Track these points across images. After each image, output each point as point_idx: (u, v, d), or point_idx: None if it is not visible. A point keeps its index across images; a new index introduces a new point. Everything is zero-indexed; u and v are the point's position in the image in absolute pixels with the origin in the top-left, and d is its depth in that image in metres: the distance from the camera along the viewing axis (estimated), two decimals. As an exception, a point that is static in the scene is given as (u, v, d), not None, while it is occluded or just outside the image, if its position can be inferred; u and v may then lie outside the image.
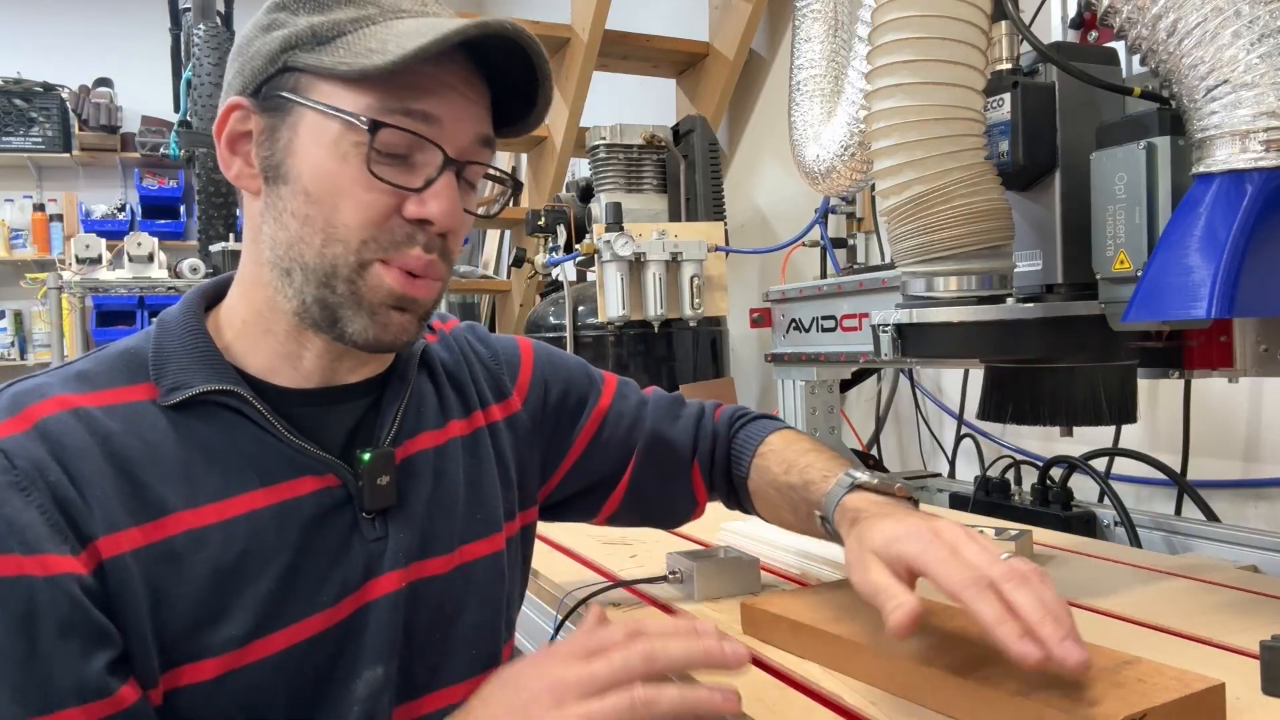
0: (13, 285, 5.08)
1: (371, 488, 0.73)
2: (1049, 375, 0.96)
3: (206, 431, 0.69)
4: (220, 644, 0.66)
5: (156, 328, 0.73)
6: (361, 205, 0.68)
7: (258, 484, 0.69)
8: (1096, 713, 0.59)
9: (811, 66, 1.37)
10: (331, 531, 0.71)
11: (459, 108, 0.69)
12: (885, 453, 2.27)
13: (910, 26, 0.84)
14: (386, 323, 0.70)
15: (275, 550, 0.69)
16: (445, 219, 0.69)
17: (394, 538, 0.74)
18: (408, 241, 0.69)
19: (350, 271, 0.69)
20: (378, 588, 0.73)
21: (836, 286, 1.77)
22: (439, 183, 0.69)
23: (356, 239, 0.68)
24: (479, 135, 0.72)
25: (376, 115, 0.67)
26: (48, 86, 5.43)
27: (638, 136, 2.46)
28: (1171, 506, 1.54)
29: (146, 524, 0.65)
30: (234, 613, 0.67)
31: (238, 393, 0.70)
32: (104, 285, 3.47)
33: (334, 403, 0.75)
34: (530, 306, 3.15)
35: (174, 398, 0.69)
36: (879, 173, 0.89)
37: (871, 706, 0.69)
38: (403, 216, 0.69)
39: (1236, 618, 0.87)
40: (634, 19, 3.07)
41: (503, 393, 0.89)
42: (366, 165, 0.67)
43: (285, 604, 0.69)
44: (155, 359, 0.70)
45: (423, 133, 0.68)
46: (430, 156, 0.69)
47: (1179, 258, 0.76)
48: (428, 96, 0.68)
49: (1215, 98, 0.76)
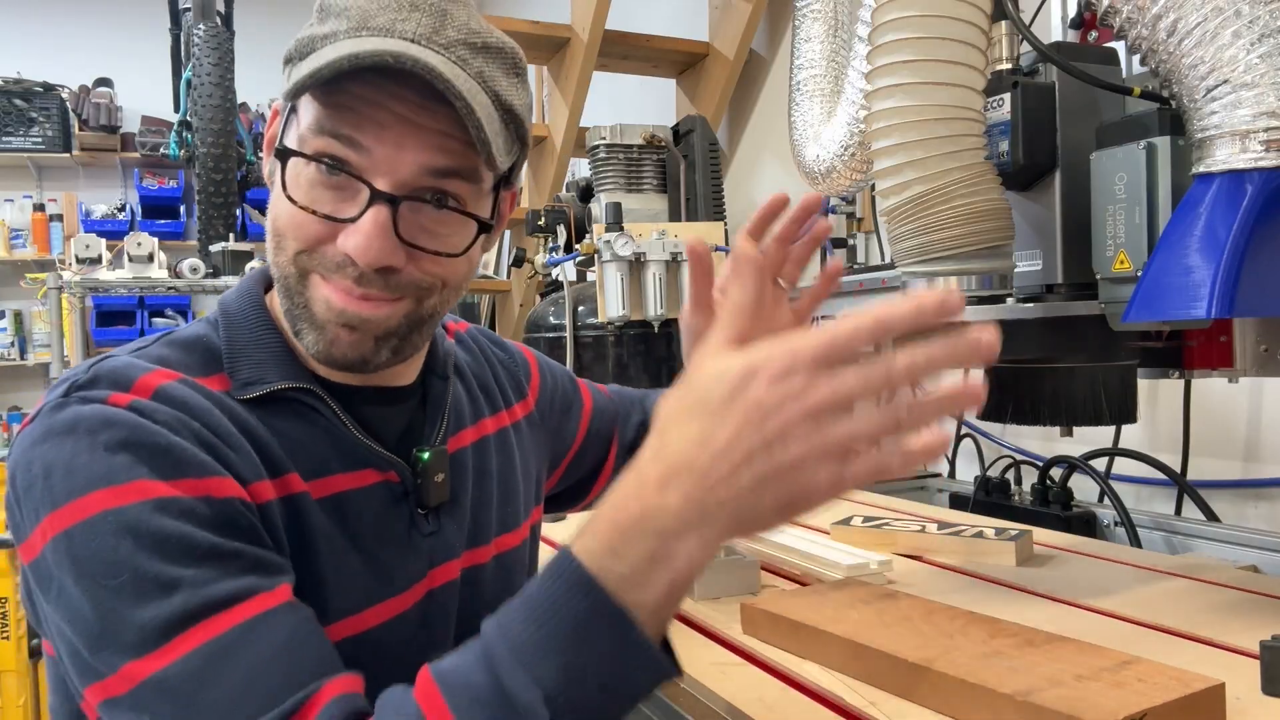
0: (13, 285, 5.07)
1: (429, 484, 0.75)
2: (1049, 375, 0.96)
3: (284, 423, 0.70)
4: (322, 614, 0.66)
5: (223, 318, 0.73)
6: (294, 225, 0.67)
7: (339, 469, 0.71)
8: (1096, 713, 0.59)
9: (811, 66, 1.37)
10: (395, 524, 0.73)
11: (398, 135, 0.64)
12: (885, 453, 2.26)
13: (910, 26, 0.84)
14: (334, 339, 0.68)
15: (360, 531, 0.70)
16: (363, 256, 0.64)
17: (447, 530, 0.76)
18: (338, 271, 0.66)
19: (295, 281, 0.68)
20: (441, 575, 0.75)
21: (836, 286, 1.77)
22: (365, 218, 0.64)
23: (293, 249, 0.67)
24: (428, 166, 0.65)
25: (313, 132, 0.64)
26: (48, 86, 5.42)
27: (638, 136, 2.45)
28: (1171, 506, 1.54)
29: (275, 479, 0.66)
30: (334, 585, 0.68)
31: (312, 390, 0.71)
32: (104, 285, 3.47)
33: (388, 403, 0.76)
34: (530, 306, 3.15)
35: (250, 392, 0.69)
36: (879, 173, 0.89)
37: (871, 707, 0.69)
38: (337, 246, 0.66)
39: (1236, 618, 0.87)
40: (634, 19, 3.06)
41: (521, 393, 0.93)
42: (283, 190, 0.66)
43: (373, 583, 0.70)
44: (229, 352, 0.71)
45: (346, 160, 0.64)
46: (361, 187, 0.65)
47: (1179, 258, 0.76)
48: (361, 122, 0.64)
49: (1215, 98, 0.76)
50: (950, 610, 0.80)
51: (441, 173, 0.66)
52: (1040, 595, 0.96)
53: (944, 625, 0.76)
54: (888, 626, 0.77)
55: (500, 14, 4.23)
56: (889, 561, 1.03)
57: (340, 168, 0.65)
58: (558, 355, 2.29)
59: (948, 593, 0.95)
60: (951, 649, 0.71)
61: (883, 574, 1.01)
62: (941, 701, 0.67)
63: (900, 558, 1.11)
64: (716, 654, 0.83)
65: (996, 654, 0.70)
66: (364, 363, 0.70)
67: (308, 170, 0.66)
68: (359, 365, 0.70)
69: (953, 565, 1.08)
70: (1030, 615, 0.85)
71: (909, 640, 0.73)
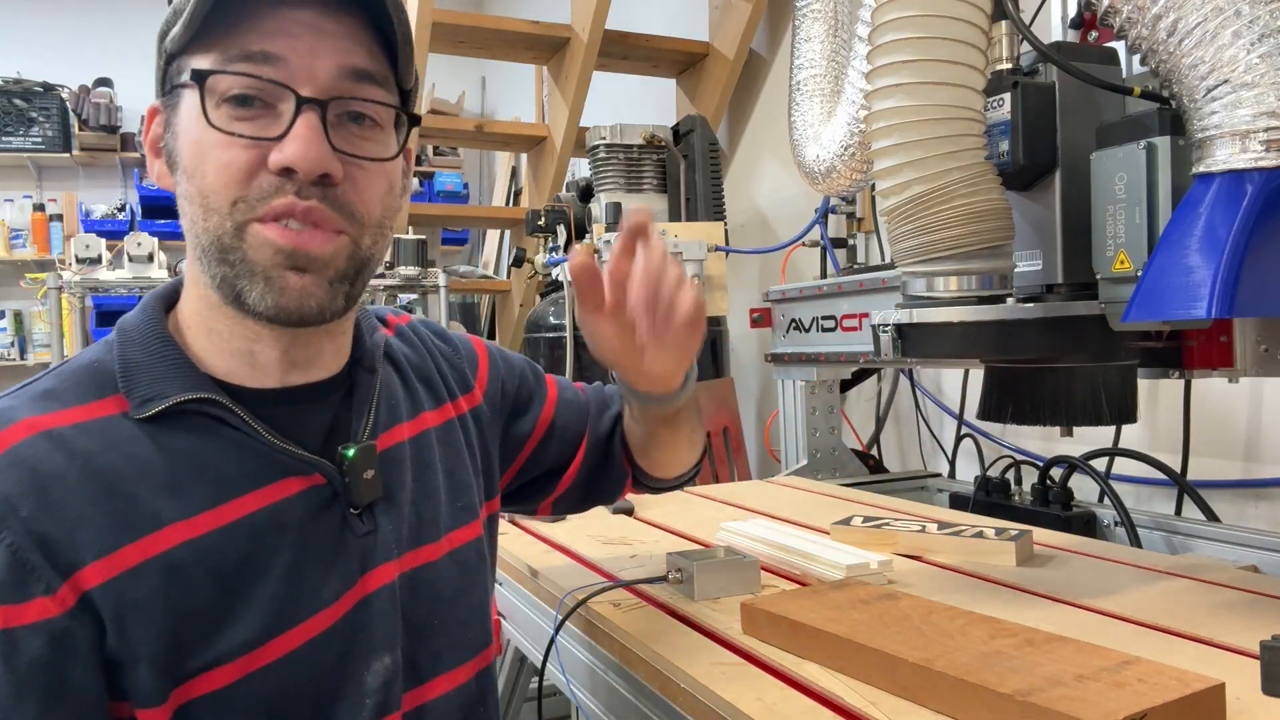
0: (13, 285, 5.08)
1: (357, 482, 0.72)
2: (1049, 375, 0.96)
3: (186, 441, 0.67)
4: (233, 649, 0.66)
5: (118, 336, 0.71)
6: (221, 165, 0.65)
7: (248, 488, 0.68)
8: (1096, 713, 0.59)
9: (811, 66, 1.37)
10: (324, 529, 0.71)
11: (310, 42, 0.65)
12: (885, 453, 2.27)
13: (910, 26, 0.84)
14: (284, 286, 0.66)
15: (275, 551, 0.68)
16: (305, 161, 0.64)
17: (383, 530, 0.74)
18: (276, 193, 0.65)
19: (231, 239, 0.66)
20: (374, 580, 0.73)
21: (836, 286, 1.77)
22: (296, 125, 0.64)
23: (226, 202, 0.65)
24: (345, 68, 0.66)
25: (220, 66, 0.64)
26: (48, 86, 5.43)
27: (638, 136, 2.46)
28: (1171, 506, 1.54)
29: (143, 539, 0.64)
30: (243, 617, 0.66)
31: (215, 400, 0.68)
32: (104, 285, 3.47)
33: (307, 401, 0.74)
34: (530, 306, 3.15)
35: (148, 409, 0.67)
36: (879, 173, 0.89)
37: (871, 707, 0.69)
38: (269, 171, 0.65)
39: (1236, 618, 0.87)
40: (634, 19, 3.07)
41: (466, 385, 0.91)
42: (205, 119, 0.64)
43: (292, 603, 0.68)
44: (123, 370, 0.68)
45: (263, 74, 0.64)
46: (283, 99, 0.65)
47: (1179, 258, 0.76)
48: (267, 37, 0.64)
49: (1215, 98, 0.76)
50: (950, 610, 0.80)
51: (359, 74, 0.67)
52: (1040, 595, 0.96)
53: (944, 625, 0.76)
54: (888, 626, 0.77)
55: (500, 14, 4.23)
56: (889, 561, 1.03)
57: (264, 80, 0.64)
58: (558, 355, 2.29)
59: (948, 593, 0.95)
60: (951, 649, 0.71)
61: (883, 574, 1.01)
62: (941, 701, 0.67)
63: (900, 558, 1.11)
64: (716, 654, 0.83)
65: (996, 654, 0.70)
66: (320, 311, 0.68)
67: (221, 110, 0.65)
68: (315, 315, 0.68)
69: (953, 565, 1.08)
70: (1030, 615, 0.85)
71: (909, 640, 0.73)
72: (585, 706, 0.98)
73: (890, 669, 0.71)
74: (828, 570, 1.02)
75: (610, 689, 0.92)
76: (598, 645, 0.94)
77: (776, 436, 2.09)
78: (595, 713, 0.95)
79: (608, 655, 0.92)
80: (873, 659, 0.73)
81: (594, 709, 0.96)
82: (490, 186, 5.71)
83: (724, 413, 2.31)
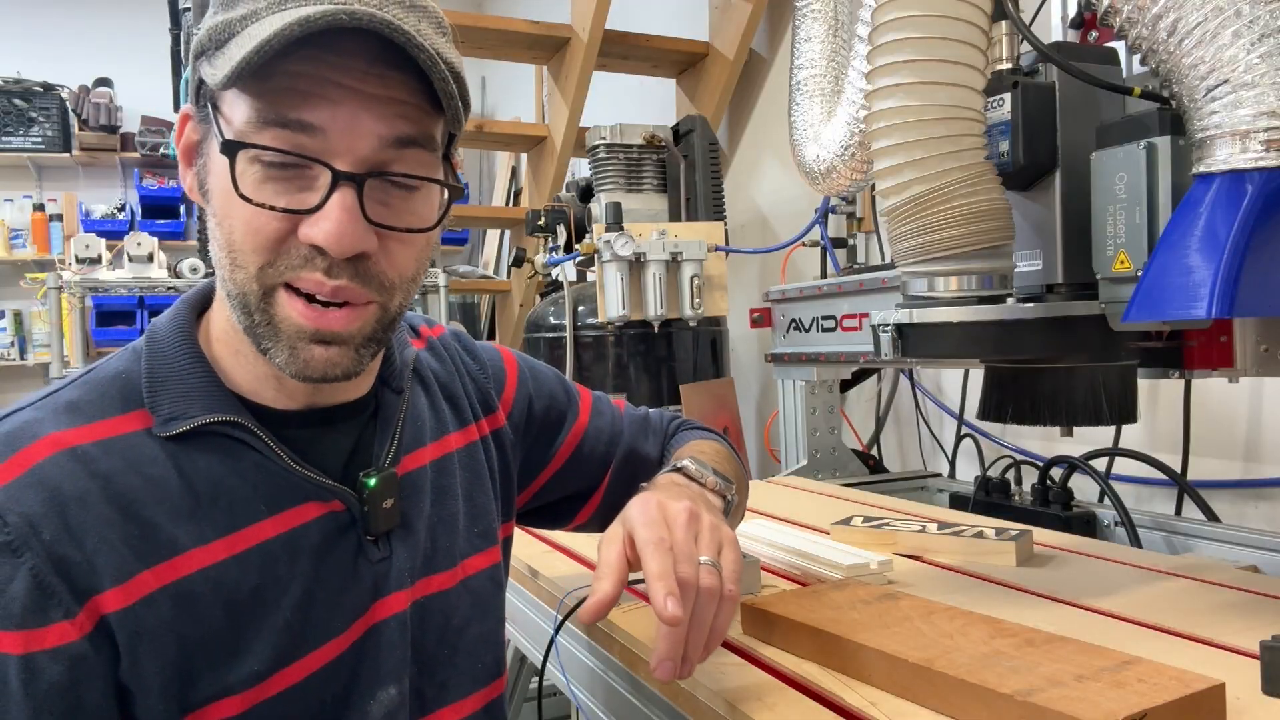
0: (13, 285, 5.08)
1: (376, 511, 0.71)
2: (1049, 375, 0.96)
3: (208, 462, 0.66)
4: (243, 680, 0.65)
5: (147, 346, 0.69)
6: (251, 230, 0.62)
7: (265, 514, 0.67)
8: (1096, 713, 0.59)
9: (811, 66, 1.37)
10: (339, 556, 0.70)
11: (351, 110, 0.60)
12: (885, 453, 2.27)
13: (910, 26, 0.84)
14: (308, 358, 0.64)
15: (288, 580, 0.67)
16: (335, 243, 0.61)
17: (398, 557, 0.73)
18: (306, 265, 0.62)
19: (257, 300, 0.63)
20: (385, 608, 0.72)
21: (836, 286, 1.77)
22: (330, 203, 0.60)
23: (253, 265, 0.62)
24: (388, 138, 0.62)
25: (254, 126, 0.60)
26: (48, 86, 5.42)
27: (638, 136, 2.46)
28: (1171, 506, 1.54)
29: (159, 565, 0.63)
30: (254, 647, 0.65)
31: (239, 422, 0.67)
32: (104, 285, 3.47)
33: (330, 423, 0.72)
34: (530, 306, 3.15)
35: (172, 429, 0.65)
36: (879, 173, 0.89)
37: (871, 707, 0.69)
38: (300, 240, 0.62)
39: (1236, 618, 0.87)
40: (634, 19, 3.06)
41: (490, 407, 0.89)
42: (235, 189, 0.61)
43: (302, 633, 0.67)
44: (149, 384, 0.67)
45: (299, 148, 0.60)
46: (320, 171, 0.61)
47: (1179, 258, 0.76)
48: (307, 101, 0.60)
49: (1215, 97, 0.76)
50: (950, 610, 0.80)
51: (402, 142, 0.63)
52: (1040, 595, 0.96)
53: (944, 625, 0.76)
54: (888, 626, 0.77)
55: (500, 14, 4.23)
56: (889, 561, 1.03)
57: (299, 155, 0.60)
58: (558, 355, 2.29)
59: (948, 593, 0.95)
60: (951, 649, 0.71)
61: (883, 574, 1.01)
62: (941, 701, 0.67)
63: (900, 558, 1.11)
64: (716, 654, 0.83)
65: (996, 654, 0.70)
66: (347, 374, 0.66)
67: (253, 169, 0.61)
68: (342, 378, 0.66)
69: (953, 565, 1.08)
70: (1030, 615, 0.85)
71: (909, 640, 0.73)
72: (585, 706, 0.98)
73: (890, 669, 0.71)
74: (828, 570, 1.02)
75: (610, 689, 0.92)
76: (598, 645, 0.94)
77: (776, 436, 2.09)
78: (595, 713, 0.95)
79: (608, 655, 0.92)
80: (873, 659, 0.73)
81: (594, 709, 0.96)
82: (490, 186, 5.71)
83: (724, 413, 2.31)
